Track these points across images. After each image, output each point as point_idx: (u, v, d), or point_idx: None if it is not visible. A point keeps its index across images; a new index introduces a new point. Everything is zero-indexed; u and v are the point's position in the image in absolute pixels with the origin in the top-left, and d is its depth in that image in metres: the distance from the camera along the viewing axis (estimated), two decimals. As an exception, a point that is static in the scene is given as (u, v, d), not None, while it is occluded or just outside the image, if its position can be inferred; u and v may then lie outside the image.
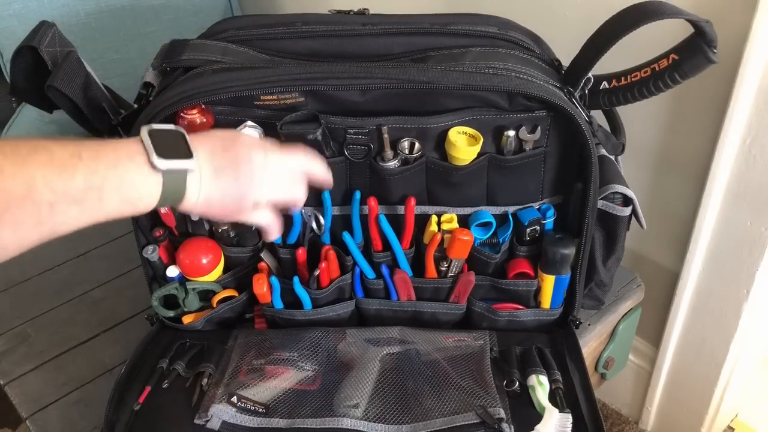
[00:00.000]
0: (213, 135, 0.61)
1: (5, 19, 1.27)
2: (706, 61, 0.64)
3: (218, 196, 0.58)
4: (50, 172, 0.47)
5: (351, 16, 0.79)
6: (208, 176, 0.57)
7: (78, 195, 0.48)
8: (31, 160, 0.46)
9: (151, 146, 0.53)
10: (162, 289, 0.80)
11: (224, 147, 0.59)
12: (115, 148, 0.52)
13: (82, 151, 0.49)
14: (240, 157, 0.59)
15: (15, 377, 0.90)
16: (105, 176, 0.50)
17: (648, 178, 1.05)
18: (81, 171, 0.48)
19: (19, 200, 0.45)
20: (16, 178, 0.45)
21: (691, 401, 1.16)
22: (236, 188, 0.59)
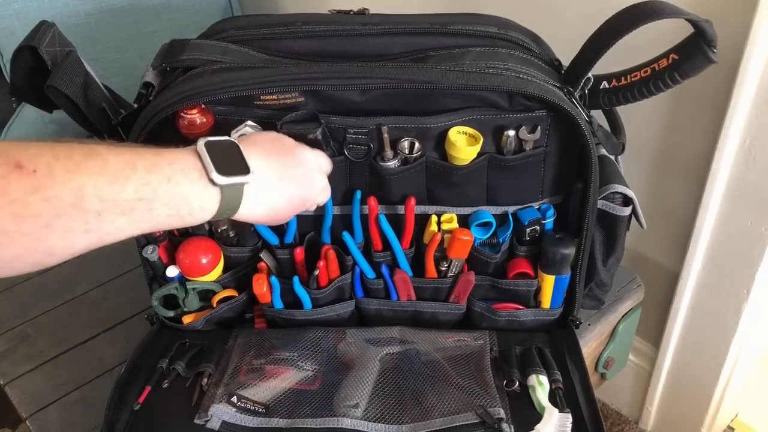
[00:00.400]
0: (261, 141, 0.61)
1: (5, 19, 1.27)
2: (706, 61, 0.64)
3: (284, 199, 0.60)
4: (101, 180, 0.47)
5: (351, 16, 0.79)
6: (272, 183, 0.59)
7: (127, 206, 0.48)
8: (84, 168, 0.46)
9: (210, 162, 0.53)
10: (162, 289, 0.80)
11: (278, 152, 0.61)
12: (171, 161, 0.52)
13: (137, 161, 0.49)
14: (297, 158, 0.62)
15: (15, 377, 0.90)
16: (156, 189, 0.50)
17: (648, 178, 1.05)
18: (132, 182, 0.48)
19: (68, 208, 0.45)
20: (67, 185, 0.45)
21: (691, 401, 1.16)
22: (301, 188, 0.63)
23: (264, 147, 0.60)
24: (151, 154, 0.51)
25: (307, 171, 0.64)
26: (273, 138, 0.63)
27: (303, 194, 0.63)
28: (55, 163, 0.45)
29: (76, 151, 0.47)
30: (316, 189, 0.65)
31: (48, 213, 0.44)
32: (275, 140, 0.63)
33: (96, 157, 0.47)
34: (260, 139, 0.62)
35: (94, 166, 0.47)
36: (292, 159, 0.62)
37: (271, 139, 0.63)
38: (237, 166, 0.55)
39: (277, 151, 0.61)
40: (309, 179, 0.64)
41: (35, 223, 0.44)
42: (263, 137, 0.63)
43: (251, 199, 0.57)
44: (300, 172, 0.63)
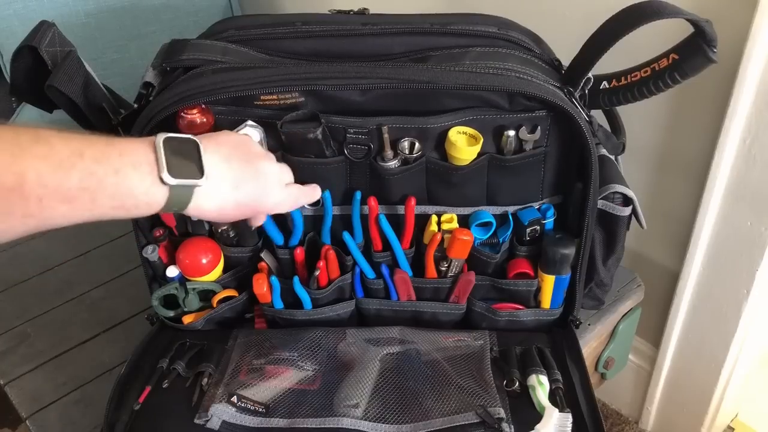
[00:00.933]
0: (226, 143, 0.60)
1: (5, 19, 1.27)
2: (706, 61, 0.64)
3: (233, 205, 0.60)
4: (44, 166, 0.46)
5: (351, 16, 0.79)
6: (225, 189, 0.58)
7: (70, 194, 0.47)
8: (28, 152, 0.45)
9: (163, 160, 0.52)
10: (162, 289, 0.80)
11: (240, 158, 0.60)
12: (122, 153, 0.51)
13: (86, 150, 0.48)
14: (260, 172, 0.61)
15: (15, 377, 0.90)
16: (102, 180, 0.49)
17: (648, 178, 1.05)
18: (78, 170, 0.47)
19: (6, 191, 0.44)
20: (9, 169, 0.44)
21: (691, 401, 1.16)
22: (254, 198, 0.61)
23: (227, 151, 0.59)
24: (103, 143, 0.50)
25: (265, 184, 0.62)
26: (239, 142, 0.62)
27: (254, 205, 0.62)
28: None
29: (23, 135, 0.46)
30: (269, 203, 0.64)
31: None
32: (240, 145, 0.62)
33: (42, 142, 0.46)
34: (226, 141, 0.61)
35: (39, 151, 0.46)
36: (252, 170, 0.61)
37: (237, 144, 0.62)
38: (191, 168, 0.55)
39: (239, 157, 0.60)
40: (264, 192, 0.63)
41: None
42: (230, 139, 0.61)
43: (201, 199, 0.56)
44: (257, 184, 0.61)
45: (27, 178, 0.45)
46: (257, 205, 0.63)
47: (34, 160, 0.45)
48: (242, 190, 0.60)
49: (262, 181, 0.62)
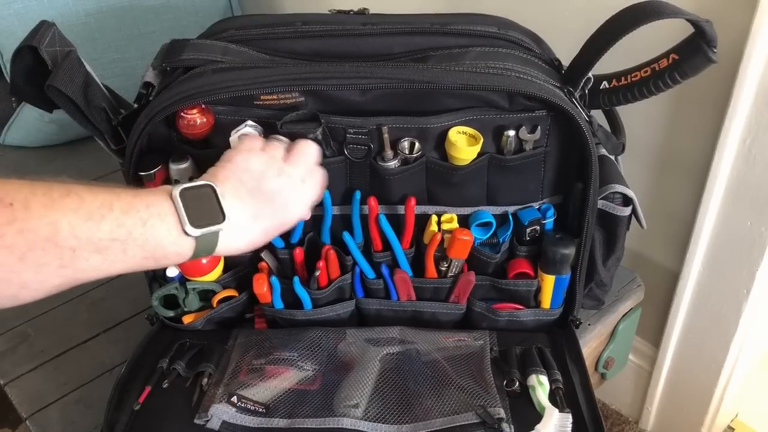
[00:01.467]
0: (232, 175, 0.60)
1: (5, 19, 1.27)
2: (706, 61, 0.64)
3: (261, 234, 0.61)
4: (76, 218, 0.48)
5: (351, 16, 0.79)
6: (247, 223, 0.59)
7: (101, 245, 0.49)
8: (60, 204, 0.47)
9: (184, 214, 0.53)
10: (162, 289, 0.80)
11: (249, 189, 0.60)
12: (149, 204, 0.52)
13: (114, 202, 0.50)
14: (270, 193, 0.61)
15: (15, 377, 0.90)
16: (131, 232, 0.50)
17: (648, 178, 1.05)
18: (108, 222, 0.49)
19: (42, 242, 0.46)
20: (42, 219, 0.46)
21: (691, 401, 1.16)
22: (277, 220, 0.62)
23: (234, 185, 0.59)
24: (130, 195, 0.52)
25: (282, 201, 0.62)
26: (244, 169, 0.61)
27: (279, 223, 0.63)
28: (32, 198, 0.46)
29: (55, 189, 0.48)
30: (293, 218, 0.64)
31: (22, 246, 0.45)
32: (246, 172, 0.61)
33: (73, 195, 0.48)
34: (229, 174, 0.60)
35: (71, 203, 0.48)
36: (264, 196, 0.61)
37: (242, 171, 0.61)
38: (212, 214, 0.56)
39: (248, 188, 0.60)
40: (284, 209, 0.63)
41: (9, 254, 0.45)
42: (236, 169, 0.61)
43: (227, 240, 0.57)
44: (274, 207, 0.62)
45: (60, 228, 0.47)
46: (281, 222, 0.63)
47: (66, 211, 0.47)
48: (262, 219, 0.61)
49: (278, 201, 0.62)
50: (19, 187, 0.46)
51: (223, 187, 0.58)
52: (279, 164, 0.63)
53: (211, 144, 0.73)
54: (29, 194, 0.46)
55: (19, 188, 0.46)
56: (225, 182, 0.59)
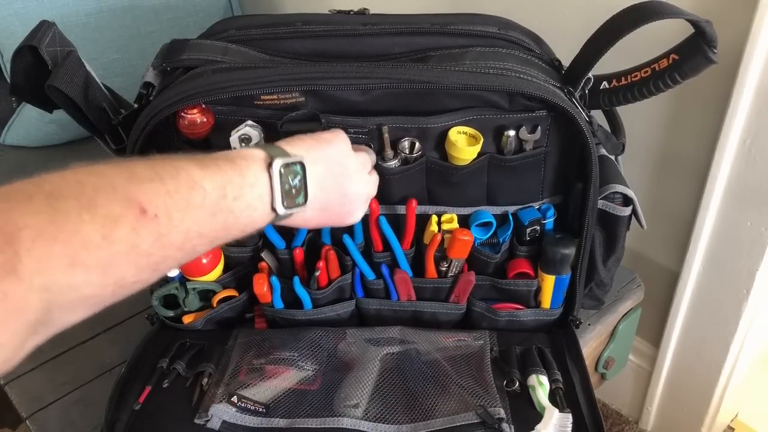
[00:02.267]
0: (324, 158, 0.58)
1: (5, 19, 1.27)
2: (706, 61, 0.64)
3: (315, 222, 0.60)
4: (202, 216, 0.45)
5: (351, 16, 0.79)
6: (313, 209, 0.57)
7: (213, 236, 0.47)
8: (191, 204, 0.44)
9: (279, 193, 0.51)
10: (162, 288, 0.80)
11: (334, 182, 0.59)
12: (252, 185, 0.49)
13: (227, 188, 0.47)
14: (348, 198, 0.60)
15: (15, 377, 0.90)
16: (238, 217, 0.48)
17: (648, 178, 1.05)
18: (223, 213, 0.47)
19: (174, 251, 0.43)
20: (179, 227, 0.43)
21: (691, 401, 1.16)
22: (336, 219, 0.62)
23: (323, 172, 0.57)
24: (236, 174, 0.48)
25: (349, 210, 0.62)
26: (336, 161, 0.59)
27: (334, 222, 0.63)
28: (170, 204, 0.42)
29: (182, 183, 0.44)
30: (350, 221, 0.63)
31: (159, 259, 0.42)
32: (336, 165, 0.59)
33: (197, 188, 0.45)
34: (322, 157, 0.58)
35: (197, 199, 0.44)
36: (341, 197, 0.60)
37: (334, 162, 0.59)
38: (299, 194, 0.54)
39: (332, 182, 0.59)
40: (348, 214, 0.62)
41: (149, 270, 0.42)
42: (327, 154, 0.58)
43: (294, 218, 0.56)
44: (341, 208, 0.61)
45: (190, 234, 0.44)
46: (336, 223, 0.63)
47: (196, 211, 0.44)
48: (327, 212, 0.60)
49: (347, 207, 0.61)
50: (155, 188, 0.42)
51: (311, 169, 0.55)
52: (366, 175, 0.64)
53: (211, 144, 0.73)
54: (167, 198, 0.42)
55: (157, 190, 0.42)
56: (314, 164, 0.56)
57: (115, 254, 0.39)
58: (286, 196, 0.52)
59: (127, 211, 0.40)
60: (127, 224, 0.39)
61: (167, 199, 0.42)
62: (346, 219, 0.63)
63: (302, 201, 0.54)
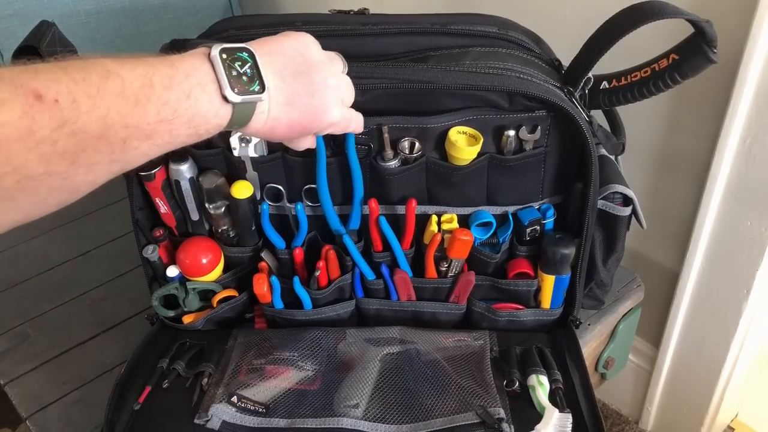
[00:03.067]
0: (278, 52, 0.54)
1: (5, 19, 1.27)
2: (706, 61, 0.64)
3: (285, 122, 0.55)
4: (124, 105, 0.42)
5: (351, 16, 0.79)
6: (279, 105, 0.53)
7: (149, 129, 0.44)
8: (105, 91, 0.41)
9: (224, 77, 0.48)
10: (162, 289, 0.80)
11: (294, 72, 0.54)
12: (187, 74, 0.47)
13: (154, 77, 0.44)
14: (316, 87, 0.55)
15: (15, 377, 0.90)
16: (177, 108, 0.45)
17: (648, 178, 1.05)
18: (153, 102, 0.44)
19: (94, 140, 0.41)
20: (92, 114, 0.40)
21: (691, 401, 1.16)
22: (308, 116, 0.56)
23: (280, 62, 0.54)
24: (166, 65, 0.46)
25: (319, 102, 0.56)
26: (294, 51, 0.55)
27: (307, 124, 0.57)
28: (75, 89, 0.40)
29: (91, 71, 0.41)
30: (323, 123, 0.57)
31: (74, 149, 0.40)
32: (296, 55, 0.55)
33: (113, 76, 0.42)
34: (278, 49, 0.54)
35: (114, 87, 0.42)
36: (306, 85, 0.55)
37: (293, 52, 0.55)
38: (251, 81, 0.50)
39: (293, 71, 0.54)
40: (320, 110, 0.56)
41: (62, 161, 0.40)
42: (284, 47, 0.55)
43: (259, 115, 0.52)
44: (310, 102, 0.55)
45: (112, 123, 0.41)
46: (310, 124, 0.57)
47: (113, 99, 0.41)
48: (296, 107, 0.55)
49: (317, 99, 0.55)
50: (55, 75, 0.40)
51: (266, 59, 0.52)
52: (335, 69, 0.59)
53: (211, 144, 0.73)
54: (72, 86, 0.40)
55: (57, 77, 0.39)
56: (269, 55, 0.53)
57: (2, 139, 0.37)
58: (236, 81, 0.49)
59: (15, 96, 0.38)
60: (15, 108, 0.37)
61: (72, 86, 0.40)
62: (320, 115, 0.57)
63: (258, 89, 0.51)
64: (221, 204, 0.76)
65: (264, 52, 0.53)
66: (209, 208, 0.76)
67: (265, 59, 0.52)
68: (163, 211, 0.77)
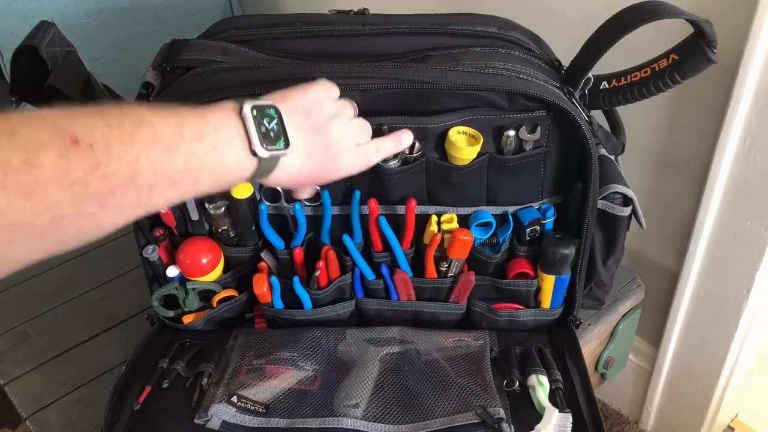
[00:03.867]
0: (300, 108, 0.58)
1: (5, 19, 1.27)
2: (706, 61, 0.64)
3: (306, 175, 0.58)
4: (154, 152, 0.44)
5: (351, 16, 0.79)
6: (300, 159, 0.56)
7: (176, 177, 0.46)
8: (137, 138, 0.44)
9: (254, 133, 0.51)
10: (162, 289, 0.80)
11: (313, 128, 0.58)
12: (216, 127, 0.49)
13: (184, 128, 0.47)
14: (331, 141, 0.59)
15: (15, 377, 0.90)
16: (203, 159, 0.48)
17: (648, 178, 1.05)
18: (182, 152, 0.46)
19: (123, 185, 0.43)
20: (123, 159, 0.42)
21: (691, 401, 1.16)
22: (326, 167, 0.59)
23: (301, 118, 0.57)
24: (196, 117, 0.49)
25: (336, 153, 0.60)
26: (312, 106, 0.59)
27: (324, 174, 0.61)
28: (110, 135, 0.42)
29: (126, 119, 0.44)
30: (338, 173, 0.61)
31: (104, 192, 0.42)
32: (313, 110, 0.59)
33: (146, 125, 0.44)
34: (299, 106, 0.58)
35: (146, 135, 0.44)
36: (323, 139, 0.59)
37: (310, 108, 0.59)
38: (278, 138, 0.53)
39: (312, 126, 0.58)
40: (336, 160, 0.60)
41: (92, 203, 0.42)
42: (303, 104, 0.59)
43: (281, 168, 0.55)
44: (328, 155, 0.59)
45: (141, 168, 0.44)
46: (327, 174, 0.61)
47: (144, 145, 0.44)
48: (315, 160, 0.58)
49: (333, 150, 0.59)
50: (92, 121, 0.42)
51: (290, 117, 0.55)
52: (347, 119, 0.62)
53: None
54: (105, 129, 0.42)
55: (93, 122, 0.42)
56: (292, 112, 0.56)
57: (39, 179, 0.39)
58: (264, 138, 0.51)
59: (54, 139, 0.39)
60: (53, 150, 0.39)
61: (106, 131, 0.42)
62: (335, 166, 0.60)
63: (283, 145, 0.53)
64: (221, 204, 0.76)
65: (288, 109, 0.56)
66: (209, 208, 0.76)
67: (288, 117, 0.55)
68: (162, 211, 0.77)
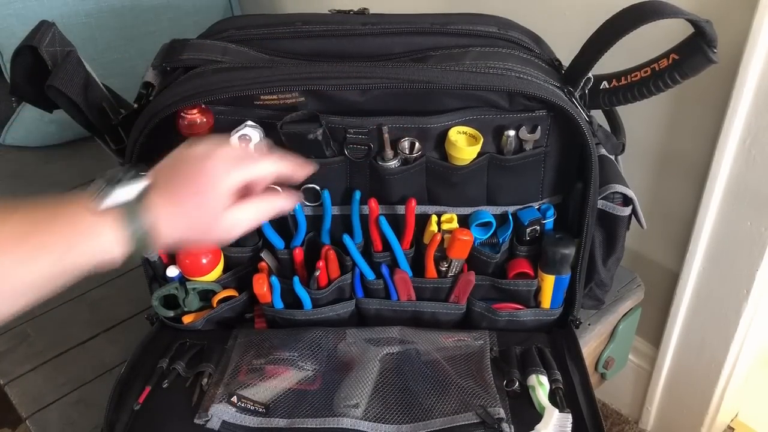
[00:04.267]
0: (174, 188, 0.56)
1: (5, 19, 1.27)
2: (706, 61, 0.64)
3: (185, 224, 0.55)
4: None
5: (351, 16, 0.79)
6: (170, 211, 0.54)
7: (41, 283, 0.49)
8: None
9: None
10: (162, 289, 0.80)
11: (168, 176, 0.56)
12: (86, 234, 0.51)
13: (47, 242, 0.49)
14: (189, 174, 0.56)
15: (15, 377, 0.90)
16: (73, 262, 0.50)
17: (648, 178, 1.05)
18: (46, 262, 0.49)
19: None
20: None
21: (691, 401, 1.16)
22: (200, 206, 0.56)
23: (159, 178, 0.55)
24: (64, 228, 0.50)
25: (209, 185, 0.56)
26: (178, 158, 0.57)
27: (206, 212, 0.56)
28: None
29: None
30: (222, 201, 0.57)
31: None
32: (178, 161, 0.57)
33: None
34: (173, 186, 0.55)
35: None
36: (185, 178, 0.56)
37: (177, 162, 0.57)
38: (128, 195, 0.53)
39: (168, 175, 0.56)
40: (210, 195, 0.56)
41: None
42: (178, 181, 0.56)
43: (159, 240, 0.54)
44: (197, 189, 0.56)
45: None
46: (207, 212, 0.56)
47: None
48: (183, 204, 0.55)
49: (201, 182, 0.55)
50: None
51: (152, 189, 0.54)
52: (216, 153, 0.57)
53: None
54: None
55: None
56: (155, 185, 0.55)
57: None
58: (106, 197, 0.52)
59: None
60: None
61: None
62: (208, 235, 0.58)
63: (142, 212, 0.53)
64: (221, 204, 0.76)
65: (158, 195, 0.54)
66: (209, 208, 0.76)
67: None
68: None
